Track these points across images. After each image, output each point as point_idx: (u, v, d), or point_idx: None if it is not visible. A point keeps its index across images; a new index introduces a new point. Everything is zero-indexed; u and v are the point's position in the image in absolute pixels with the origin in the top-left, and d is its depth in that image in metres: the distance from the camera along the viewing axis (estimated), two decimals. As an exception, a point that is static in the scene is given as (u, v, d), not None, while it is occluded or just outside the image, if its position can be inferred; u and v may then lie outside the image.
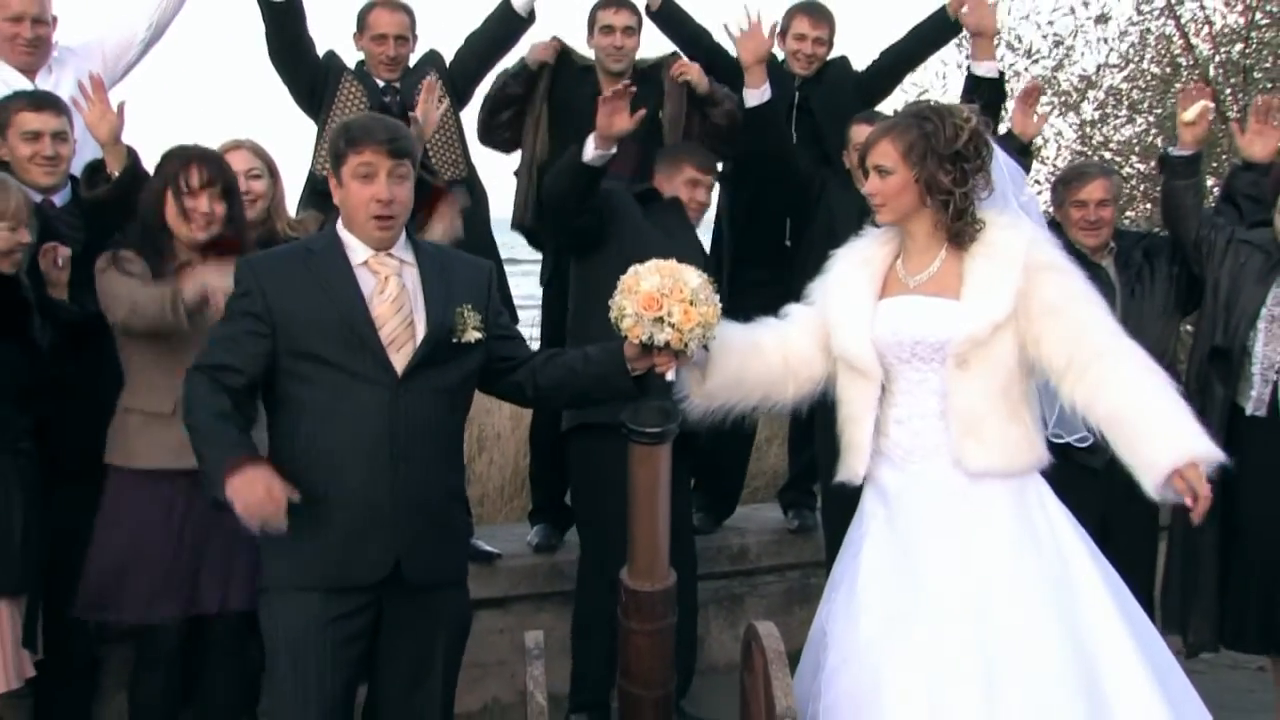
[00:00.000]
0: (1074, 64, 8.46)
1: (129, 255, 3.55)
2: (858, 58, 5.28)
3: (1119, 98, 8.45)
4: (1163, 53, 8.36)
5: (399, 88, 4.73)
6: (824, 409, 3.34)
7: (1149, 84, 8.37)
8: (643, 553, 3.26)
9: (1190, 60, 8.18)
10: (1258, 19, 8.07)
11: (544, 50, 4.97)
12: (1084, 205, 4.37)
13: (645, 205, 4.36)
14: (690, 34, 5.12)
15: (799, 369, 3.25)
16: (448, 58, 4.92)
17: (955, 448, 3.05)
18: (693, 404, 3.24)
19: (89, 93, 3.84)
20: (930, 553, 3.04)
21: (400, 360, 3.01)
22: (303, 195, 4.68)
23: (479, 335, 3.10)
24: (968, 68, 4.99)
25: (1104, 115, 8.50)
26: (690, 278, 3.01)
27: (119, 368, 3.64)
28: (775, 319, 3.33)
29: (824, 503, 4.93)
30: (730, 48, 4.91)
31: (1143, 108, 8.38)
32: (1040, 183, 8.11)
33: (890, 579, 3.08)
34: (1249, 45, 8.03)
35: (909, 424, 3.12)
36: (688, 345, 3.01)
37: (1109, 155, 8.32)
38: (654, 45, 5.16)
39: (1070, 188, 4.44)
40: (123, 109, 3.85)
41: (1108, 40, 8.38)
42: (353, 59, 4.85)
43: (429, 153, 4.50)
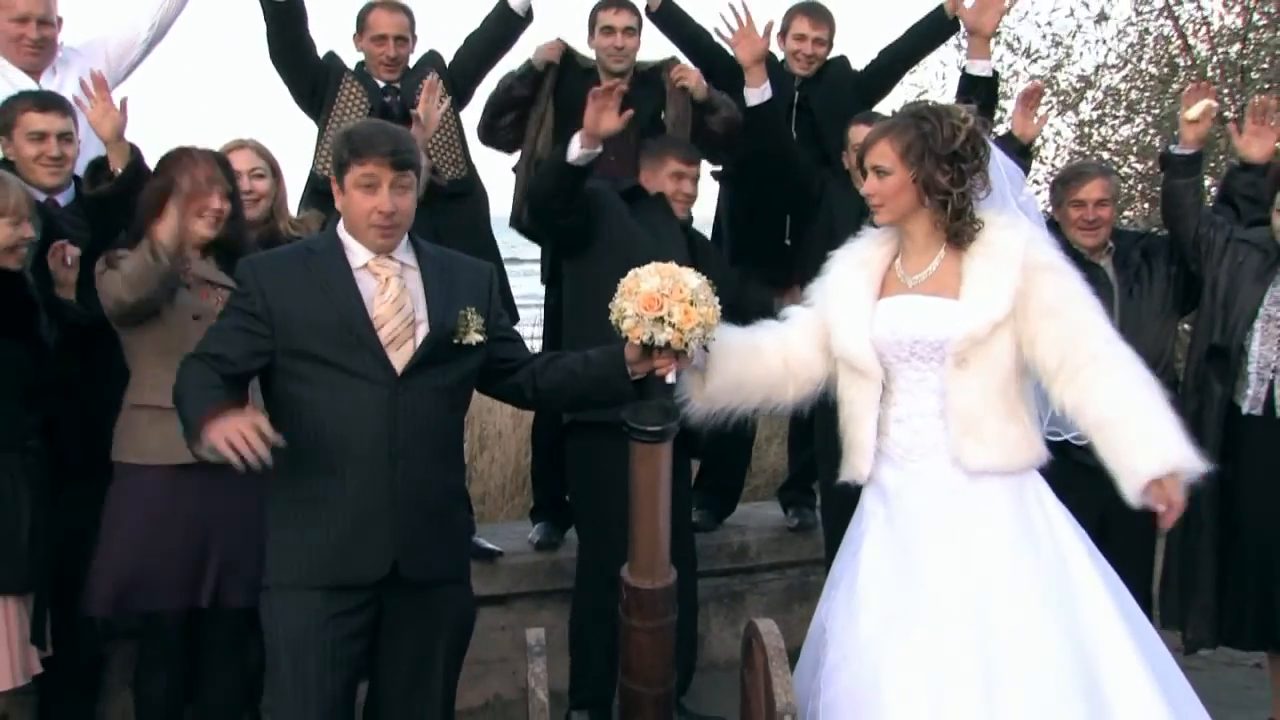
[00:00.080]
0: (1073, 64, 8.49)
1: (124, 253, 3.57)
2: (857, 58, 5.30)
3: (1117, 98, 8.44)
4: (1161, 53, 8.35)
5: (399, 88, 4.73)
6: (824, 409, 3.35)
7: (1147, 84, 8.37)
8: (644, 550, 3.27)
9: (1188, 61, 8.18)
10: (1255, 20, 8.07)
11: (549, 51, 4.97)
12: (1082, 205, 4.38)
13: (632, 203, 4.37)
14: (690, 35, 5.11)
15: (799, 371, 3.25)
16: (447, 58, 4.92)
17: (954, 446, 3.06)
18: (694, 407, 3.25)
19: (91, 91, 3.85)
20: (929, 551, 3.05)
21: (400, 359, 3.02)
22: (304, 195, 4.69)
23: (480, 338, 3.11)
24: (963, 67, 4.98)
25: (1102, 115, 8.51)
26: (690, 279, 3.01)
27: (124, 367, 3.66)
28: (775, 321, 3.34)
29: (824, 501, 4.93)
30: (728, 50, 4.91)
31: (1140, 108, 8.38)
32: (1039, 182, 8.11)
33: (890, 577, 3.08)
34: (1246, 46, 8.03)
35: (909, 423, 3.12)
36: (688, 345, 3.01)
37: (1107, 155, 8.32)
38: (655, 47, 5.19)
39: (1069, 187, 4.44)
40: (125, 106, 3.86)
41: (1106, 41, 8.41)
42: (353, 60, 4.86)
43: (430, 152, 4.51)
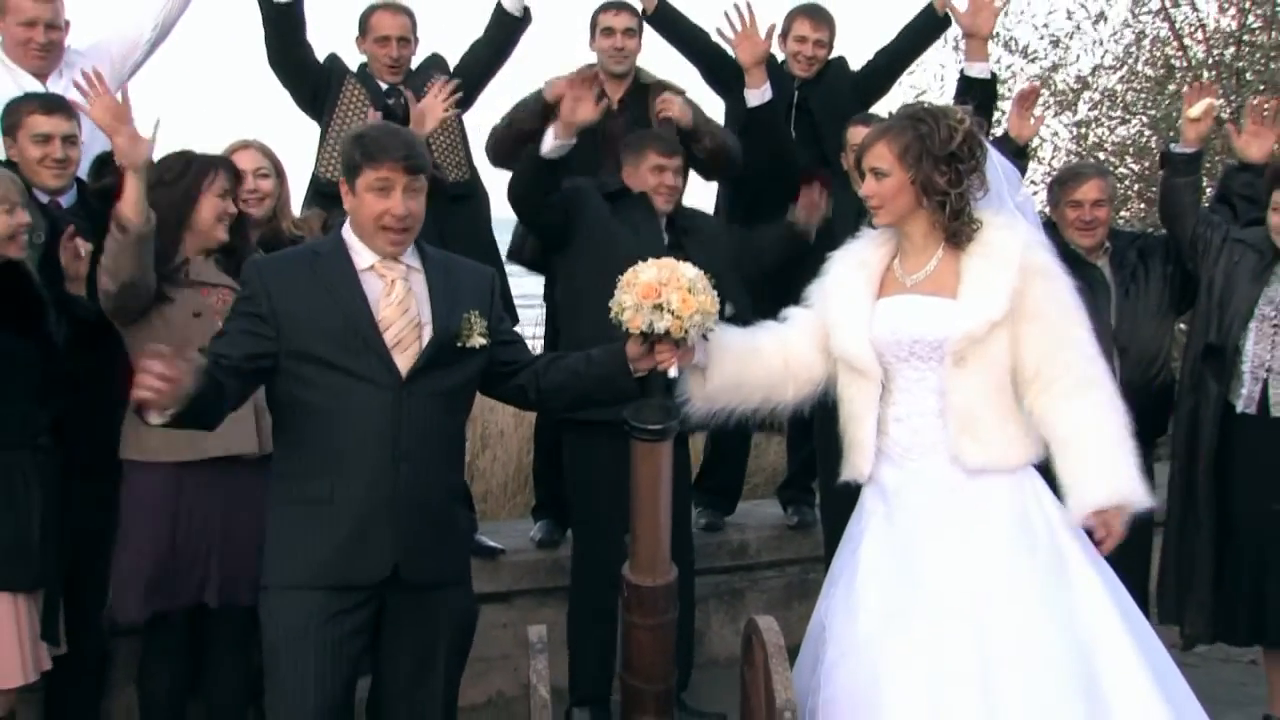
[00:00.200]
0: (1070, 65, 8.49)
1: None
2: (857, 59, 5.30)
3: (1114, 99, 8.45)
4: (1157, 55, 8.36)
5: (402, 90, 4.72)
6: (823, 408, 3.36)
7: (1143, 85, 8.38)
8: (645, 548, 3.29)
9: (1184, 63, 8.19)
10: (1250, 22, 8.08)
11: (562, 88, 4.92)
12: (1079, 205, 4.40)
13: (615, 202, 4.38)
14: (687, 36, 5.10)
15: (799, 371, 3.26)
16: (450, 60, 4.93)
17: (953, 444, 3.07)
18: (694, 407, 3.26)
19: (86, 89, 3.87)
20: (929, 549, 3.07)
21: (405, 362, 3.02)
22: (307, 196, 4.70)
23: (484, 341, 3.11)
24: (961, 69, 4.98)
25: (1099, 116, 8.52)
26: (687, 269, 3.03)
27: (129, 365, 3.69)
28: (774, 321, 3.35)
29: (823, 499, 4.95)
30: (728, 50, 4.92)
31: (1137, 109, 8.39)
32: (1036, 183, 8.13)
33: (889, 575, 3.09)
34: (1241, 48, 8.03)
35: (908, 422, 3.14)
36: (688, 333, 3.01)
37: (1103, 156, 8.32)
38: (653, 48, 5.18)
39: (1066, 188, 4.47)
40: (126, 95, 3.88)
41: (1102, 42, 8.42)
42: (355, 62, 4.86)
43: (433, 155, 4.53)
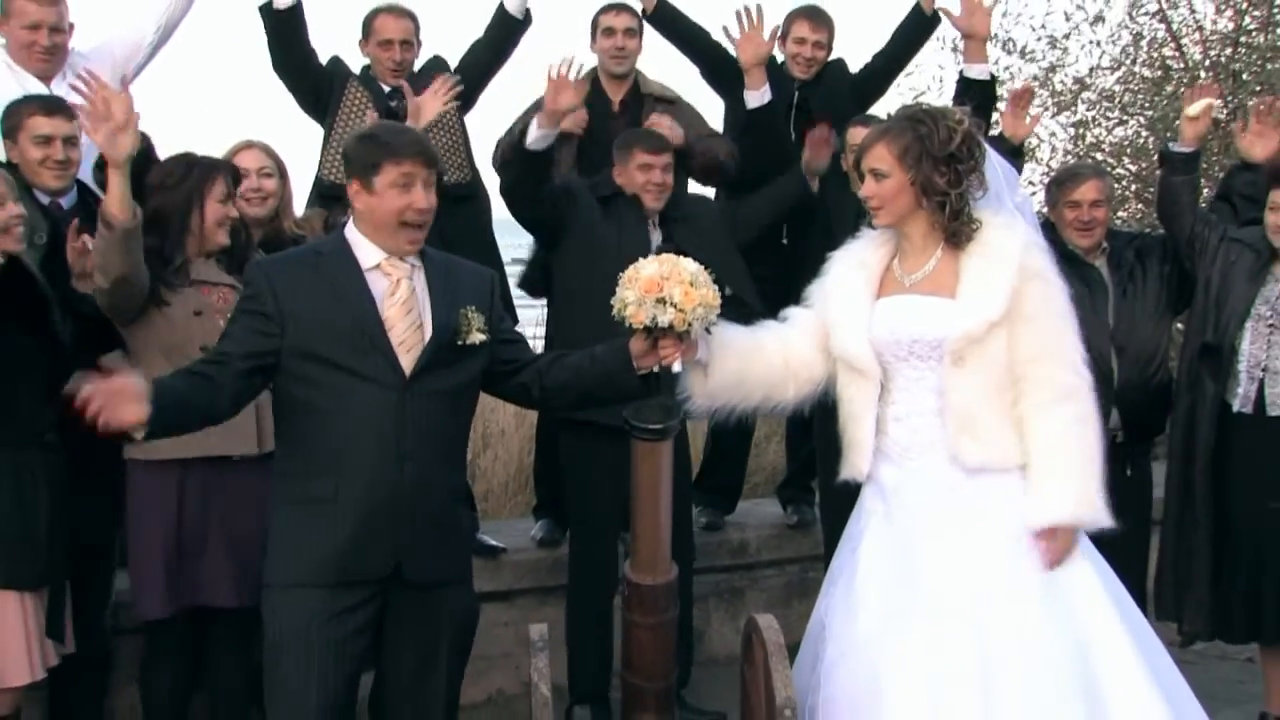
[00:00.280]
0: (1068, 67, 8.49)
1: None
2: (856, 60, 5.32)
3: (1111, 99, 8.45)
4: (1154, 56, 8.36)
5: (403, 90, 4.68)
6: (823, 408, 3.37)
7: (1140, 86, 8.38)
8: (645, 547, 3.32)
9: (1181, 64, 8.20)
10: (1246, 23, 8.08)
11: (572, 122, 4.85)
12: (1078, 205, 4.42)
13: (607, 204, 4.40)
14: (687, 35, 5.11)
15: (799, 370, 3.27)
16: (451, 62, 4.93)
17: (952, 444, 3.08)
18: (696, 404, 3.27)
19: (85, 91, 3.89)
20: (928, 549, 3.08)
21: (409, 362, 3.03)
22: (310, 197, 4.71)
23: (483, 337, 3.12)
24: (960, 70, 4.99)
25: (1096, 117, 8.52)
26: (688, 264, 3.04)
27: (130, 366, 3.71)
28: (775, 321, 3.36)
29: (823, 498, 4.97)
30: (729, 49, 4.94)
31: (1134, 110, 8.40)
32: (1034, 183, 8.14)
33: (888, 575, 3.11)
34: (1238, 49, 8.03)
35: (907, 421, 3.15)
36: (691, 326, 3.01)
37: (1101, 156, 8.32)
38: (655, 51, 5.21)
39: (1064, 188, 4.49)
40: (127, 86, 3.88)
41: (1100, 43, 8.42)
42: (358, 65, 4.88)
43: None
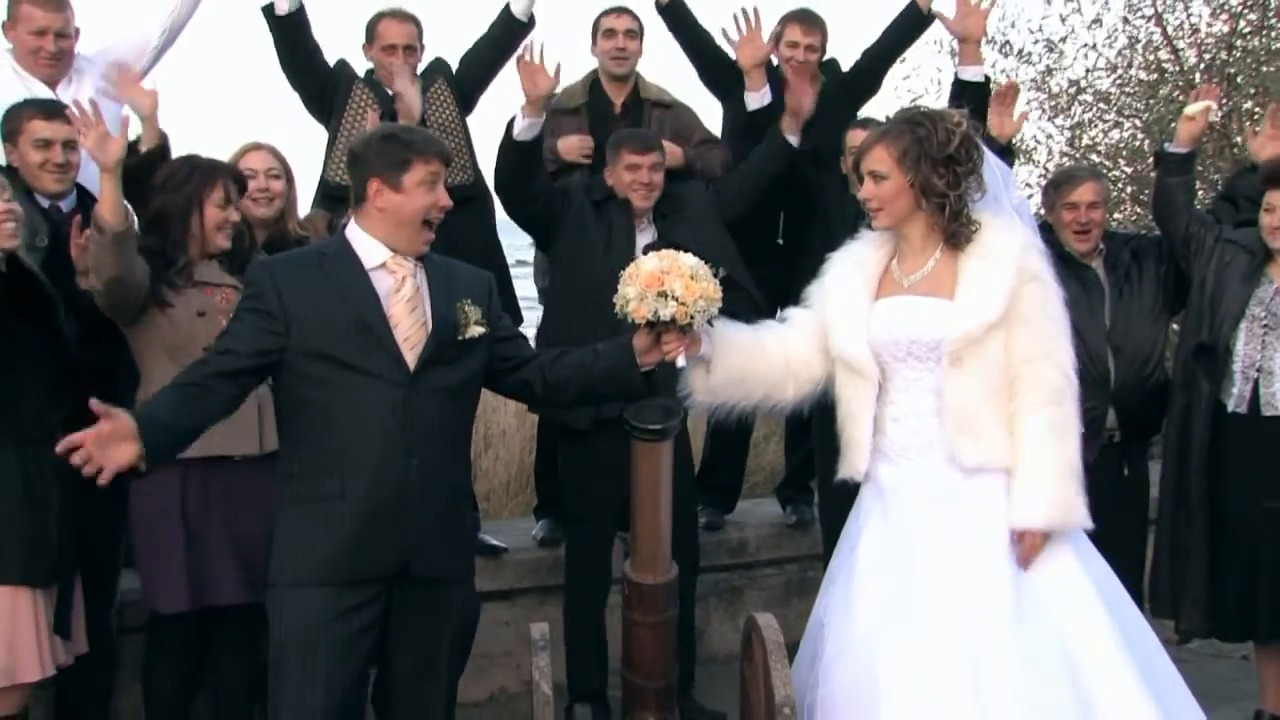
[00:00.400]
0: (1065, 70, 8.52)
1: None
2: (849, 62, 5.31)
3: (1107, 102, 8.49)
4: (1150, 59, 8.40)
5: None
6: (821, 408, 3.39)
7: (1136, 89, 8.41)
8: (645, 546, 3.35)
9: (1176, 67, 8.22)
10: (1241, 27, 8.10)
11: (576, 151, 4.94)
12: (1075, 207, 4.44)
13: (599, 208, 4.42)
14: (693, 35, 5.14)
15: (799, 370, 3.30)
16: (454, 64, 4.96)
17: (950, 444, 3.10)
18: (697, 401, 3.29)
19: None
20: (925, 548, 3.10)
21: (413, 359, 3.06)
22: (315, 199, 4.73)
23: (481, 330, 3.14)
24: (955, 73, 5.00)
25: (1092, 119, 8.54)
26: (688, 258, 3.07)
27: (133, 365, 3.73)
28: (774, 321, 3.40)
29: (822, 498, 4.99)
30: (728, 53, 4.97)
31: (1129, 112, 8.42)
32: (1030, 186, 8.19)
33: (886, 574, 3.13)
34: (1233, 52, 8.06)
35: (905, 421, 3.17)
36: (693, 319, 3.03)
37: (1097, 158, 8.35)
38: (654, 54, 5.24)
39: (1061, 190, 4.51)
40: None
41: (1096, 46, 8.44)
42: (363, 67, 4.89)
43: None
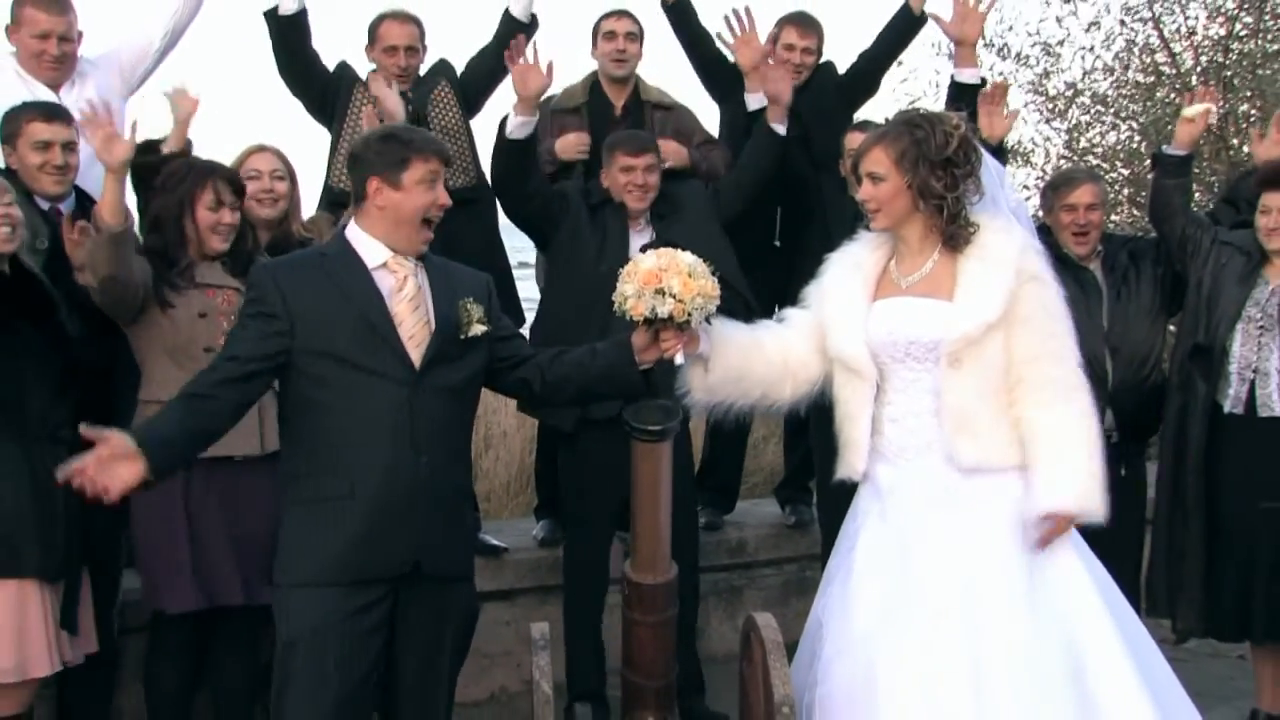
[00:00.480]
0: (1062, 73, 8.53)
1: None
2: (845, 63, 5.33)
3: (1105, 104, 8.50)
4: (1147, 61, 8.41)
5: (411, 97, 4.76)
6: (820, 408, 3.40)
7: (1133, 91, 8.42)
8: (645, 546, 3.37)
9: (1173, 69, 8.24)
10: (1237, 29, 8.11)
11: (573, 149, 4.93)
12: (1074, 209, 4.47)
13: (596, 212, 4.44)
14: (695, 35, 5.15)
15: (797, 370, 3.31)
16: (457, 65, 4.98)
17: (948, 444, 3.12)
18: (695, 399, 3.31)
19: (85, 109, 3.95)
20: (923, 548, 3.11)
21: (419, 357, 3.08)
22: (320, 203, 4.74)
23: (483, 328, 3.17)
24: (951, 75, 5.00)
25: (1090, 121, 8.55)
26: (685, 256, 3.09)
27: (134, 364, 3.75)
28: (772, 321, 3.41)
29: (821, 498, 5.00)
30: (728, 55, 4.98)
31: (1125, 115, 8.43)
32: (1028, 188, 8.20)
33: (884, 573, 3.14)
34: (1229, 55, 8.07)
35: (903, 422, 3.19)
36: (691, 316, 3.05)
37: (1094, 160, 8.36)
38: (654, 56, 5.24)
39: (1059, 192, 4.54)
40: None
41: (1093, 48, 8.45)
42: (365, 70, 4.88)
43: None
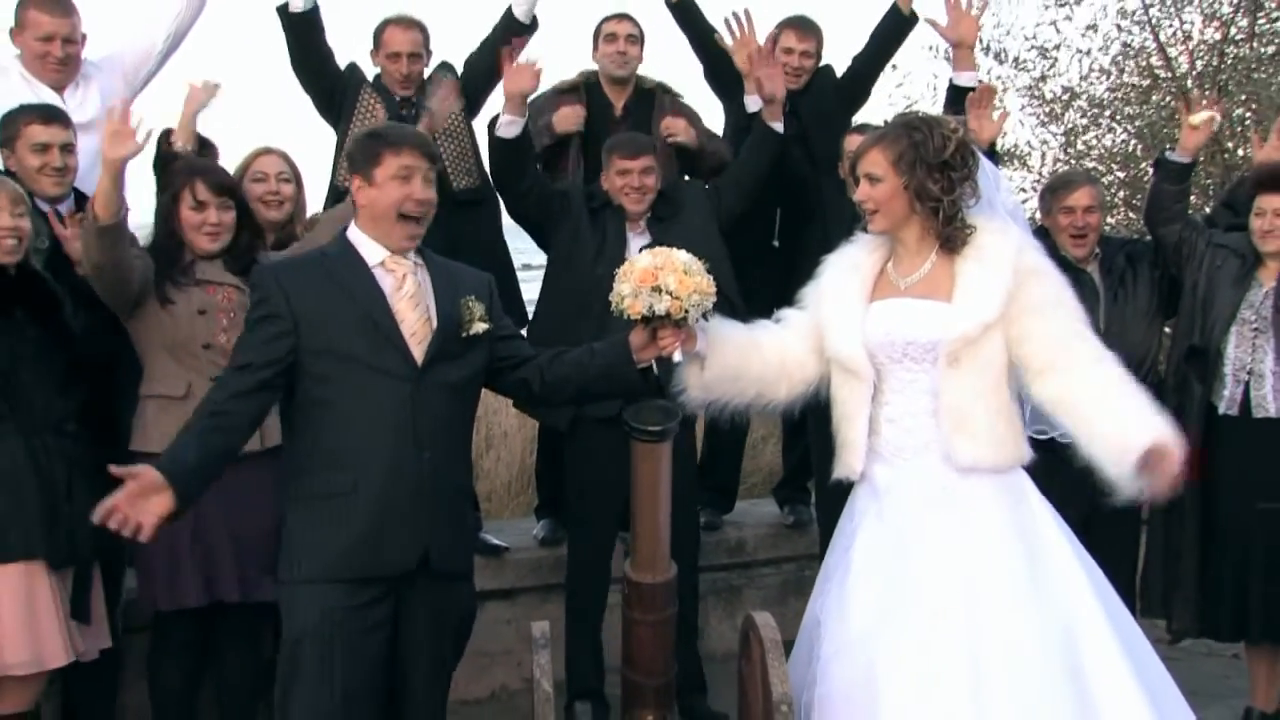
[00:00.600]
0: (1059, 76, 8.53)
1: None
2: (843, 65, 5.35)
3: (1101, 107, 8.51)
4: (1143, 65, 8.41)
5: (415, 101, 4.80)
6: (817, 409, 3.42)
7: (1129, 94, 8.42)
8: (645, 546, 3.40)
9: (1169, 73, 8.25)
10: (1233, 34, 8.12)
11: (569, 121, 4.96)
12: (1072, 211, 4.49)
13: (596, 214, 4.46)
14: (701, 32, 5.16)
15: (793, 370, 3.33)
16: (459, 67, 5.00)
17: (946, 443, 3.14)
18: (691, 397, 3.32)
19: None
20: (920, 547, 3.13)
21: (420, 354, 3.11)
22: (325, 205, 4.71)
23: (485, 325, 3.19)
24: (950, 79, 5.02)
25: (1087, 124, 8.55)
26: (681, 254, 3.12)
27: (136, 360, 3.78)
28: (769, 322, 3.42)
29: (819, 498, 5.03)
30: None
31: (1121, 118, 8.44)
32: (1026, 190, 8.22)
33: (882, 573, 3.15)
34: (1224, 60, 8.07)
35: (901, 422, 3.20)
36: (687, 313, 3.07)
37: (1091, 163, 8.37)
38: (654, 59, 5.27)
39: (1057, 195, 4.56)
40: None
41: (1090, 52, 8.46)
42: (372, 72, 4.93)
43: (441, 154, 4.59)
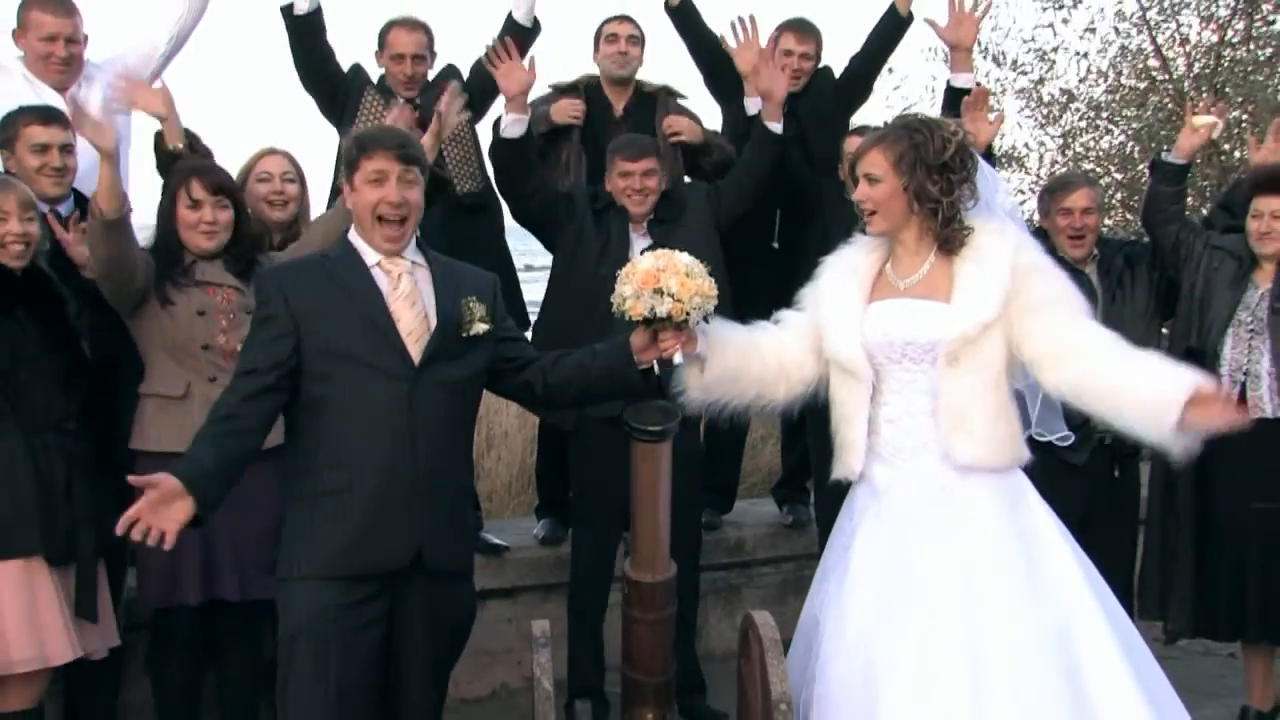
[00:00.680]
0: (1057, 79, 8.56)
1: None
2: (841, 67, 5.38)
3: (1099, 109, 8.54)
4: (1140, 68, 8.44)
5: (419, 103, 4.81)
6: (816, 409, 3.43)
7: (1126, 96, 8.45)
8: (644, 545, 3.42)
9: (1166, 75, 8.27)
10: (1229, 37, 8.16)
11: (567, 113, 4.97)
12: (1070, 213, 4.51)
13: (600, 215, 4.48)
14: (700, 37, 5.19)
15: (792, 371, 3.34)
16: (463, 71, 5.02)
17: (945, 442, 3.15)
18: (691, 397, 3.33)
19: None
20: (919, 547, 3.14)
21: (417, 353, 3.11)
22: (328, 206, 4.68)
23: (485, 326, 3.19)
24: (947, 81, 5.03)
25: (1085, 126, 8.58)
26: (683, 256, 3.12)
27: (138, 359, 3.80)
28: (768, 323, 3.43)
29: (819, 498, 5.04)
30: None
31: (1119, 120, 8.46)
32: (1024, 192, 8.25)
33: (880, 573, 3.16)
34: (1221, 62, 8.11)
35: (899, 423, 3.21)
36: (689, 316, 3.08)
37: (1088, 165, 8.40)
38: (653, 61, 5.29)
39: (1056, 196, 4.58)
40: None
41: (1087, 55, 8.49)
42: (377, 74, 4.95)
43: (445, 158, 4.62)
